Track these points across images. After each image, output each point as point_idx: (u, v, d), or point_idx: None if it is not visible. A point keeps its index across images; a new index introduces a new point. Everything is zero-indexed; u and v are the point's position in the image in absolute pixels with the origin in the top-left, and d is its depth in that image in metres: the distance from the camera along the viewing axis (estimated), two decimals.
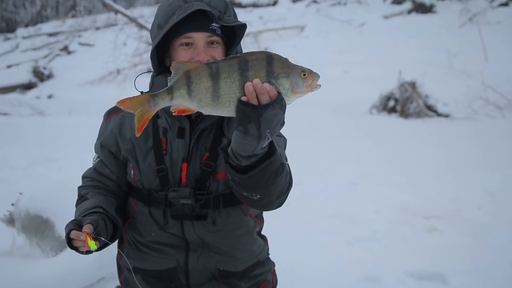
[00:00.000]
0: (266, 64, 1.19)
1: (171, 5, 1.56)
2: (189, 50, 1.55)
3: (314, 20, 18.90)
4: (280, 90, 1.18)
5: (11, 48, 22.33)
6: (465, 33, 14.63)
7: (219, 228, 1.63)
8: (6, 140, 7.22)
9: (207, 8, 1.52)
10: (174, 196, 1.59)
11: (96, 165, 1.73)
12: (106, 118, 1.75)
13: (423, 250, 3.48)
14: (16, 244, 3.06)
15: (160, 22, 1.57)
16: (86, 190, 1.71)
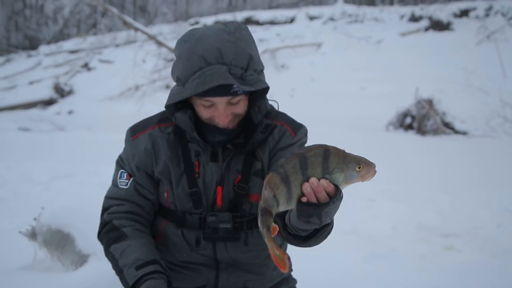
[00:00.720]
0: (323, 160, 1.21)
1: (191, 60, 1.47)
2: (210, 109, 1.53)
3: (331, 37, 18.98)
4: (334, 182, 1.22)
5: (33, 65, 22.80)
6: (482, 51, 14.56)
7: (251, 248, 1.68)
8: (28, 155, 7.38)
9: (227, 81, 1.42)
10: (213, 220, 1.61)
11: (131, 186, 1.67)
12: (133, 139, 1.68)
13: (440, 269, 3.45)
14: (37, 258, 3.13)
15: (179, 75, 1.51)
16: (120, 222, 1.64)
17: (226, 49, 1.46)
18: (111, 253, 1.58)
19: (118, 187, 1.68)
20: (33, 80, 19.44)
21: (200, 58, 1.45)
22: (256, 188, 1.63)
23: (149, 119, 1.72)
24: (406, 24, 20.43)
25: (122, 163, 1.71)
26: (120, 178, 1.68)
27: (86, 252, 3.02)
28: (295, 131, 1.68)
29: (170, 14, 33.25)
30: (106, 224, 1.66)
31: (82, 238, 3.06)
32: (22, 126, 11.39)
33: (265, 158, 1.65)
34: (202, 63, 1.45)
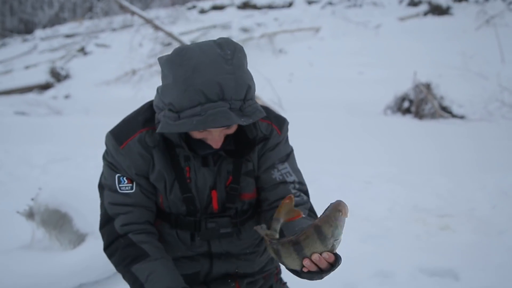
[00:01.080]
0: (317, 236, 1.26)
1: (188, 92, 1.37)
2: (203, 133, 1.50)
3: (329, 21, 18.88)
4: (337, 238, 1.28)
5: (29, 49, 22.67)
6: (481, 35, 14.52)
7: (244, 241, 1.71)
8: (25, 139, 7.37)
9: (230, 123, 1.37)
10: (213, 226, 1.63)
11: (137, 190, 1.60)
12: (121, 147, 1.58)
13: (435, 247, 3.49)
14: (35, 238, 3.15)
15: (172, 101, 1.41)
16: (138, 237, 1.57)
17: (227, 83, 1.38)
18: (134, 274, 1.52)
19: (120, 193, 1.59)
20: (29, 65, 19.34)
21: (199, 92, 1.37)
22: (247, 187, 1.65)
23: (130, 121, 1.62)
24: (405, 9, 20.32)
25: (115, 168, 1.60)
26: (119, 183, 1.59)
27: (83, 232, 3.04)
28: (280, 128, 1.68)
29: None
30: (119, 237, 1.57)
31: (80, 218, 3.08)
32: (19, 110, 11.36)
33: (255, 158, 1.66)
34: (202, 99, 1.37)
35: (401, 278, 3.06)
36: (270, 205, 1.64)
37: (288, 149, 1.71)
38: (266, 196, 1.66)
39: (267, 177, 1.65)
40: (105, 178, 1.63)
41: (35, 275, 2.75)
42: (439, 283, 3.02)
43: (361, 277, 3.07)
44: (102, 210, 1.63)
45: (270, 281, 1.85)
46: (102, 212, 1.63)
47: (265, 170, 1.66)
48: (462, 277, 3.05)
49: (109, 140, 1.60)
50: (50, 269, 2.80)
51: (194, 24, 20.74)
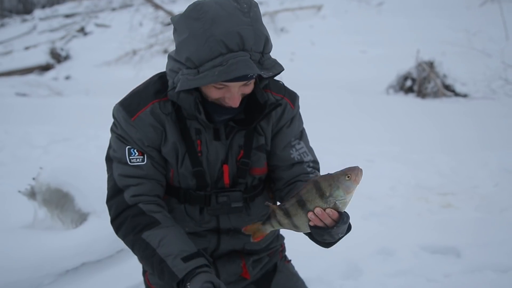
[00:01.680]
0: (316, 191, 1.33)
1: (209, 43, 1.35)
2: (221, 90, 1.46)
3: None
4: (338, 199, 1.33)
5: (28, 29, 22.50)
6: (486, 12, 14.33)
7: (253, 217, 1.69)
8: (26, 120, 7.35)
9: (253, 71, 1.36)
10: (225, 200, 1.61)
11: (149, 162, 1.56)
12: (132, 119, 1.53)
13: (437, 225, 3.48)
14: (37, 217, 3.15)
15: (191, 56, 1.38)
16: (148, 207, 1.54)
17: (246, 34, 1.36)
18: (145, 240, 1.48)
19: (131, 165, 1.54)
20: (29, 45, 19.22)
21: (220, 42, 1.35)
22: (258, 162, 1.63)
23: (141, 93, 1.58)
24: None
25: (125, 140, 1.56)
26: (130, 155, 1.54)
27: (85, 211, 3.04)
28: (293, 102, 1.66)
29: None
30: (129, 207, 1.53)
31: (81, 197, 3.07)
32: (19, 91, 11.31)
33: (268, 133, 1.63)
34: (223, 49, 1.35)
35: (403, 255, 3.07)
36: (285, 184, 1.64)
37: (301, 125, 1.70)
38: (281, 175, 1.64)
39: (285, 156, 1.63)
40: (114, 150, 1.58)
41: (38, 255, 2.75)
42: (441, 261, 3.02)
43: (364, 255, 3.07)
44: (110, 183, 1.58)
45: (275, 258, 1.84)
46: (110, 185, 1.58)
47: (283, 148, 1.64)
48: (464, 254, 3.05)
49: (119, 112, 1.55)
50: (52, 249, 2.80)
51: None
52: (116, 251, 3.03)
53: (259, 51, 1.40)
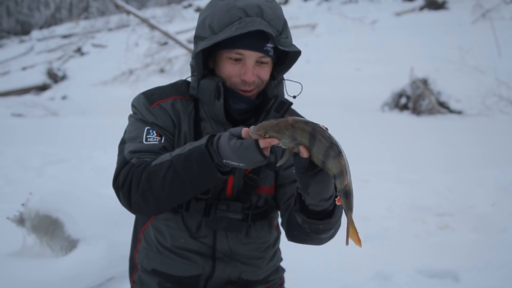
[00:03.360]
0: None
1: (230, 11, 1.46)
2: (237, 65, 1.49)
3: (325, 18, 18.85)
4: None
5: (26, 50, 22.59)
6: (478, 29, 14.47)
7: (252, 240, 1.64)
8: (20, 141, 7.31)
9: (269, 30, 1.44)
10: (223, 209, 1.56)
11: (165, 144, 1.53)
12: (152, 107, 1.56)
13: (435, 248, 3.43)
14: (26, 244, 3.09)
15: (212, 24, 1.48)
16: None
17: (266, 8, 1.48)
18: (156, 165, 1.41)
19: (146, 143, 1.51)
20: (26, 66, 19.27)
21: (241, 10, 1.46)
22: (266, 180, 1.60)
23: (164, 88, 1.62)
24: (401, 4, 20.29)
25: (145, 122, 1.55)
26: (148, 134, 1.52)
27: (75, 237, 2.98)
28: None
29: None
30: (133, 166, 1.46)
31: (71, 223, 3.01)
32: (15, 112, 11.28)
33: (278, 152, 1.61)
34: (243, 14, 1.46)
35: (400, 280, 3.01)
36: (287, 201, 1.60)
37: None
38: (284, 191, 1.61)
39: (288, 173, 1.61)
40: (130, 131, 1.54)
41: (26, 283, 2.69)
42: (439, 285, 2.97)
43: (360, 280, 3.01)
44: (118, 162, 1.51)
45: None
46: (118, 163, 1.50)
47: (286, 168, 1.61)
48: (462, 278, 3.00)
49: (139, 99, 1.58)
50: (41, 277, 2.74)
51: (191, 23, 20.65)
52: (106, 279, 2.97)
53: (276, 29, 1.48)
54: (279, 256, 1.80)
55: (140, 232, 1.70)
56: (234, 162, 1.30)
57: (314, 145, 1.26)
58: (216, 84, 1.51)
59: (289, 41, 1.52)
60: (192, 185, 1.38)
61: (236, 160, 1.29)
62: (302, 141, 1.26)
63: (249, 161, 1.28)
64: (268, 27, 1.44)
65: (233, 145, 1.29)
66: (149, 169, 1.42)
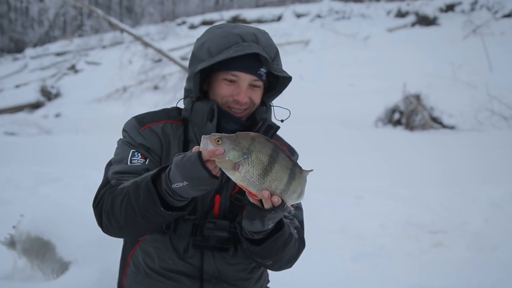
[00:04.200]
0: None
1: (228, 37, 1.57)
2: (232, 86, 1.58)
3: (318, 34, 19.00)
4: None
5: (19, 68, 22.61)
6: (469, 45, 14.64)
7: (239, 261, 1.65)
8: (13, 160, 7.26)
9: (264, 54, 1.55)
10: (210, 227, 1.58)
11: (149, 165, 1.57)
12: (142, 129, 1.62)
13: (428, 266, 3.42)
14: (17, 267, 3.05)
15: (211, 48, 1.57)
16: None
17: (261, 37, 1.60)
18: (119, 189, 1.45)
19: (130, 165, 1.55)
20: (20, 84, 19.27)
21: (238, 36, 1.57)
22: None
23: (156, 113, 1.69)
24: (393, 20, 20.50)
25: (131, 145, 1.60)
26: (133, 156, 1.57)
27: (67, 260, 2.95)
28: (292, 154, 1.71)
29: (156, 14, 33.07)
30: (110, 187, 1.51)
31: (63, 245, 2.98)
32: (8, 130, 11.25)
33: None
34: (240, 40, 1.57)
35: None
36: None
37: None
38: None
39: None
40: (117, 154, 1.60)
41: None
42: None
43: None
44: (101, 183, 1.54)
45: None
46: (100, 185, 1.54)
47: None
48: None
49: (130, 123, 1.64)
50: None
51: (184, 40, 20.76)
52: None
53: (269, 56, 1.59)
54: (266, 277, 1.82)
55: (128, 256, 1.71)
56: (178, 182, 1.29)
57: (276, 163, 1.26)
58: (210, 106, 1.58)
59: (281, 68, 1.62)
60: (141, 215, 1.40)
61: (178, 177, 1.29)
62: (259, 156, 1.25)
63: (192, 178, 1.27)
64: (263, 51, 1.56)
65: (176, 160, 1.30)
66: (114, 192, 1.46)
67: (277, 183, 1.28)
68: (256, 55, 1.57)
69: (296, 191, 1.31)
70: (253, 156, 1.25)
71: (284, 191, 1.30)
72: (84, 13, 19.13)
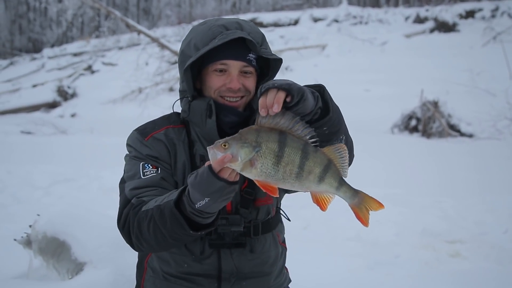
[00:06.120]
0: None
1: (212, 29, 1.57)
2: (222, 76, 1.58)
3: (335, 39, 18.91)
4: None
5: (37, 68, 22.86)
6: (488, 52, 14.45)
7: (257, 255, 1.64)
8: (29, 159, 7.33)
9: (249, 38, 1.54)
10: (223, 223, 1.57)
11: (162, 174, 1.58)
12: (146, 139, 1.62)
13: (445, 277, 3.36)
14: (32, 266, 3.06)
15: (197, 43, 1.58)
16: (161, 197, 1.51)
17: (245, 24, 1.60)
18: (143, 211, 1.45)
19: (144, 178, 1.55)
20: (37, 83, 19.47)
21: (221, 26, 1.57)
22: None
23: (156, 121, 1.69)
24: (411, 26, 20.34)
25: (139, 158, 1.60)
26: (144, 169, 1.58)
27: (82, 260, 2.95)
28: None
29: (173, 16, 33.27)
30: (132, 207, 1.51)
31: (78, 245, 2.98)
32: (25, 129, 11.36)
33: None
34: (224, 29, 1.56)
35: None
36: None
37: None
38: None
39: None
40: (128, 170, 1.60)
41: None
42: None
43: None
44: (120, 202, 1.55)
45: None
46: (120, 203, 1.55)
47: None
48: None
49: (133, 136, 1.64)
50: None
51: None
52: None
53: (256, 41, 1.57)
54: (287, 276, 1.80)
55: (145, 261, 1.72)
56: (200, 201, 1.30)
57: (286, 146, 1.22)
58: (207, 103, 1.57)
59: (269, 51, 1.60)
60: (172, 238, 1.41)
61: (198, 196, 1.29)
62: (268, 146, 1.22)
63: (211, 192, 1.27)
64: (248, 36, 1.55)
65: (190, 181, 1.31)
66: (138, 215, 1.46)
67: (290, 167, 1.24)
68: (243, 42, 1.56)
69: (312, 171, 1.25)
70: (263, 147, 1.23)
71: (299, 174, 1.24)
72: (102, 14, 19.30)
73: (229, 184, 1.27)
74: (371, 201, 1.39)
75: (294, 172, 1.24)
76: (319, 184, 1.27)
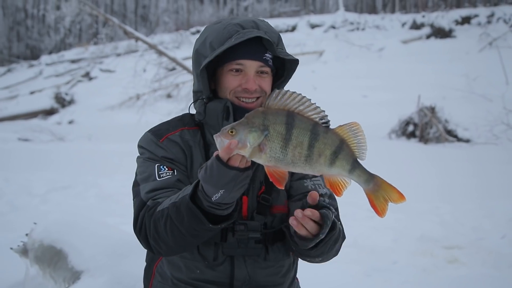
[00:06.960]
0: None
1: (227, 28, 1.53)
2: (238, 76, 1.54)
3: (332, 45, 18.98)
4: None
5: (34, 74, 22.88)
6: (485, 57, 14.52)
7: (270, 264, 1.60)
8: (26, 167, 7.32)
9: (266, 37, 1.50)
10: (241, 229, 1.53)
11: (178, 175, 1.55)
12: (161, 141, 1.58)
13: (443, 283, 3.35)
14: (29, 275, 3.05)
15: (213, 42, 1.54)
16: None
17: (261, 23, 1.57)
18: (158, 211, 1.43)
19: (159, 180, 1.52)
20: (34, 90, 19.48)
21: (237, 25, 1.53)
22: (279, 199, 1.59)
23: (170, 122, 1.65)
24: (407, 32, 20.42)
25: (153, 160, 1.57)
26: (159, 171, 1.54)
27: (79, 269, 2.93)
28: None
29: (171, 23, 33.35)
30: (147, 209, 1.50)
31: (75, 254, 2.97)
32: (22, 136, 11.36)
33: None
34: (240, 28, 1.53)
35: None
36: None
37: None
38: (296, 206, 1.56)
39: (299, 185, 1.60)
40: (141, 173, 1.56)
41: None
42: None
43: None
44: (136, 205, 1.52)
45: None
46: (136, 206, 1.52)
47: (298, 179, 1.62)
48: None
49: (147, 137, 1.60)
50: None
51: None
52: None
53: (273, 40, 1.53)
54: (297, 285, 1.76)
55: (153, 266, 1.68)
56: (215, 194, 1.28)
57: (294, 128, 1.16)
58: (224, 104, 1.54)
59: (286, 52, 1.57)
60: (190, 235, 1.39)
61: (212, 190, 1.27)
62: (276, 128, 1.17)
63: (225, 183, 1.25)
64: (265, 35, 1.51)
65: (201, 176, 1.29)
66: (154, 216, 1.44)
67: (299, 150, 1.18)
68: (259, 42, 1.52)
69: (323, 153, 1.18)
70: (270, 130, 1.18)
71: (309, 157, 1.18)
72: (100, 21, 19.34)
73: (242, 171, 1.23)
74: (390, 189, 1.28)
75: (304, 155, 1.18)
76: (331, 167, 1.20)
